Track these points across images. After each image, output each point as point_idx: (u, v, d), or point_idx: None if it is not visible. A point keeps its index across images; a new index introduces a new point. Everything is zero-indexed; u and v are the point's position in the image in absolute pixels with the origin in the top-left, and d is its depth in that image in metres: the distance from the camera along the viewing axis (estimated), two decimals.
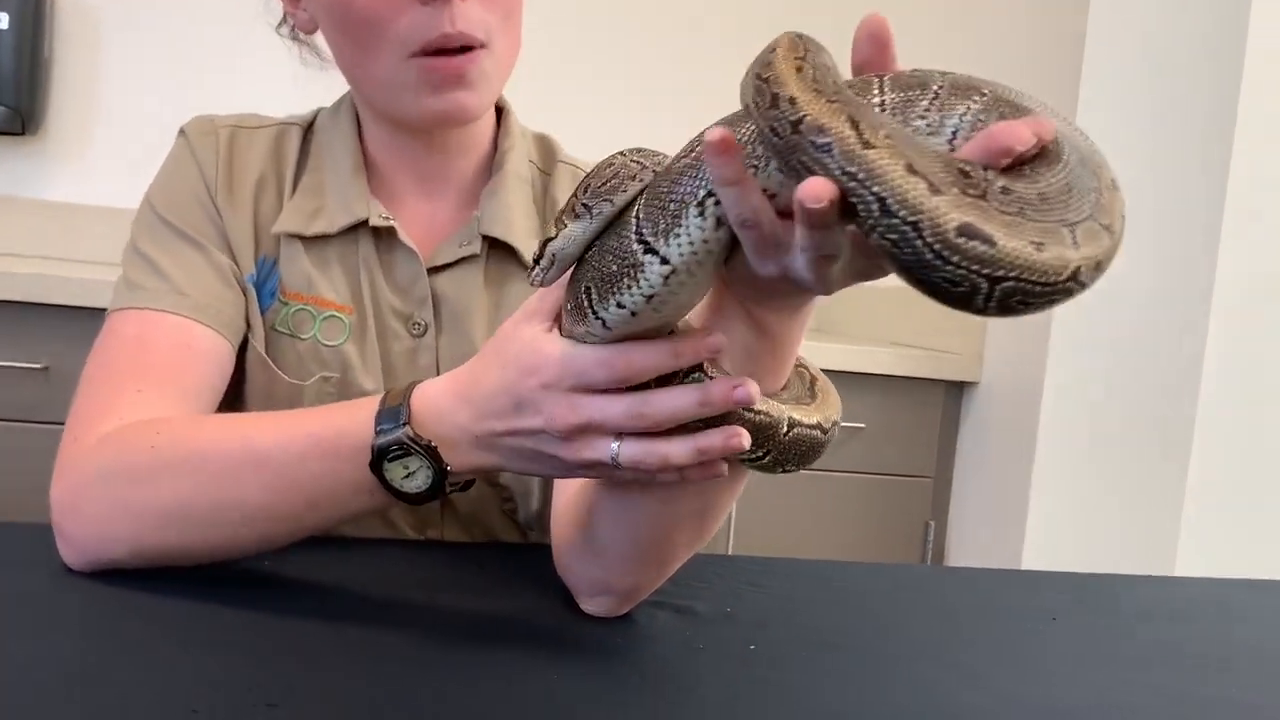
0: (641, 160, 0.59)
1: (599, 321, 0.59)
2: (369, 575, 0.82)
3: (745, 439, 0.61)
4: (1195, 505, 2.03)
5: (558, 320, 0.65)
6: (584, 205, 0.59)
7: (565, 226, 0.60)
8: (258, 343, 0.92)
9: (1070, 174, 0.49)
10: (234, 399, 0.92)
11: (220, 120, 0.96)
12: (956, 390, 2.39)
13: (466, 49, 0.86)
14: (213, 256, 0.91)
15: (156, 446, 0.74)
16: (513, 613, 0.78)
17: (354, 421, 0.70)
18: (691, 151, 0.54)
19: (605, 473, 0.65)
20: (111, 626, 0.68)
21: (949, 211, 0.44)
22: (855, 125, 0.46)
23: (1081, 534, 2.14)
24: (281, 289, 0.93)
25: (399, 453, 0.68)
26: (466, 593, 0.81)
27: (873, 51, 0.52)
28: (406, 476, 0.69)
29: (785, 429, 0.62)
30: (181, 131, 0.96)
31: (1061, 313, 2.13)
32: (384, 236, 0.94)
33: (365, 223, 0.94)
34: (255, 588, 0.76)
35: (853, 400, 2.30)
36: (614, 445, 0.62)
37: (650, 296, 0.55)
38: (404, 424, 0.68)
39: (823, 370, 0.71)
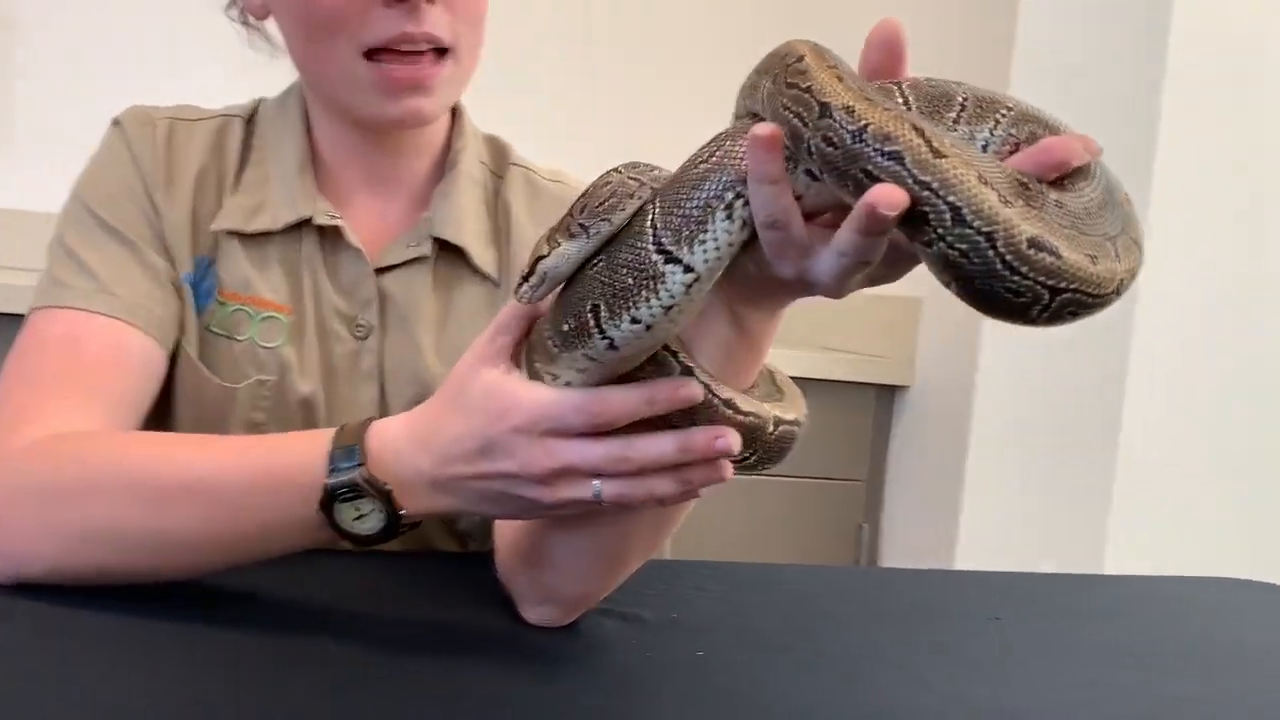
0: (638, 177, 0.58)
1: (605, 341, 0.57)
2: (304, 587, 0.79)
3: (729, 470, 0.61)
4: (1122, 504, 2.07)
5: (515, 359, 0.64)
6: (580, 225, 0.58)
7: (559, 245, 0.58)
8: (190, 346, 0.88)
9: (1102, 189, 0.51)
10: (162, 402, 0.89)
11: (158, 112, 0.93)
12: (888, 394, 2.41)
13: (439, 51, 0.85)
14: (145, 256, 0.87)
15: (89, 464, 0.71)
16: (455, 622, 0.76)
17: (304, 456, 0.68)
18: (711, 156, 0.54)
19: (585, 509, 0.64)
20: (28, 643, 0.65)
21: (1020, 223, 0.46)
22: (921, 134, 0.47)
23: (1013, 534, 2.17)
24: (219, 288, 0.89)
25: (351, 494, 0.66)
26: (404, 603, 0.79)
27: (884, 58, 0.52)
28: (358, 518, 0.67)
29: (772, 428, 0.62)
30: (116, 122, 0.92)
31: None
32: (329, 236, 0.91)
33: (310, 221, 0.91)
34: (183, 602, 0.72)
35: None
36: (596, 484, 0.61)
37: (669, 307, 0.55)
38: (360, 464, 0.66)
39: None
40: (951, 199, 0.46)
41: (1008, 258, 0.46)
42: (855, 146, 0.47)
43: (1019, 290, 0.46)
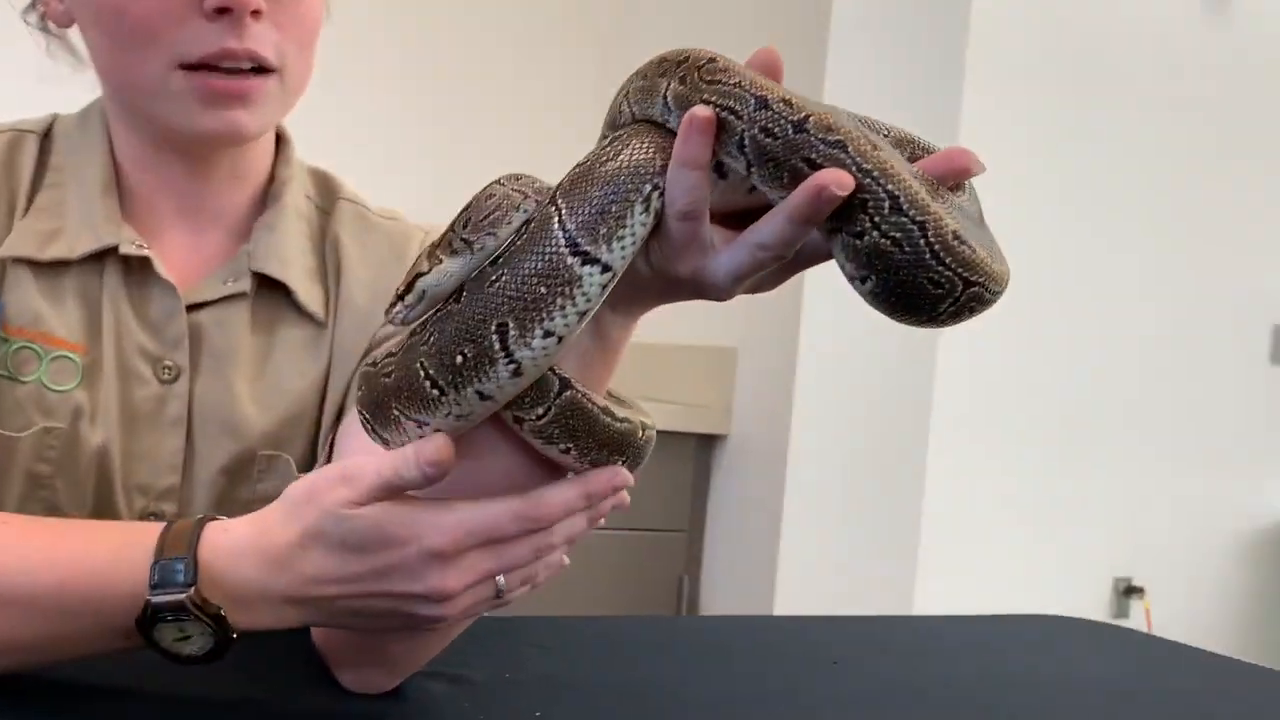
0: (523, 189, 0.56)
1: (510, 368, 0.53)
2: (99, 660, 0.70)
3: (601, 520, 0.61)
4: (928, 547, 2.13)
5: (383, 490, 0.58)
6: (464, 240, 0.54)
7: (440, 261, 0.55)
8: None
9: (974, 200, 0.55)
10: None
11: None
12: (708, 443, 2.41)
13: (259, 71, 0.78)
14: None
15: None
16: (262, 695, 0.68)
17: (122, 563, 0.60)
18: (618, 155, 0.53)
19: (477, 611, 0.61)
20: None
21: (946, 217, 0.48)
22: (858, 128, 0.50)
23: (829, 580, 2.20)
24: (3, 323, 0.79)
25: (176, 618, 0.59)
26: (205, 674, 0.71)
27: (766, 75, 0.54)
28: (181, 639, 0.60)
29: (641, 433, 0.60)
30: None
31: (804, 364, 2.20)
32: (136, 268, 0.82)
33: (114, 250, 0.82)
34: None
35: None
36: (501, 579, 0.58)
37: (584, 313, 0.53)
38: (188, 585, 0.58)
39: None
40: (890, 188, 0.48)
41: (936, 248, 0.48)
42: (798, 137, 0.49)
43: (940, 281, 0.48)
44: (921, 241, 0.48)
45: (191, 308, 0.83)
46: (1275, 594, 2.59)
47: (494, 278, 0.53)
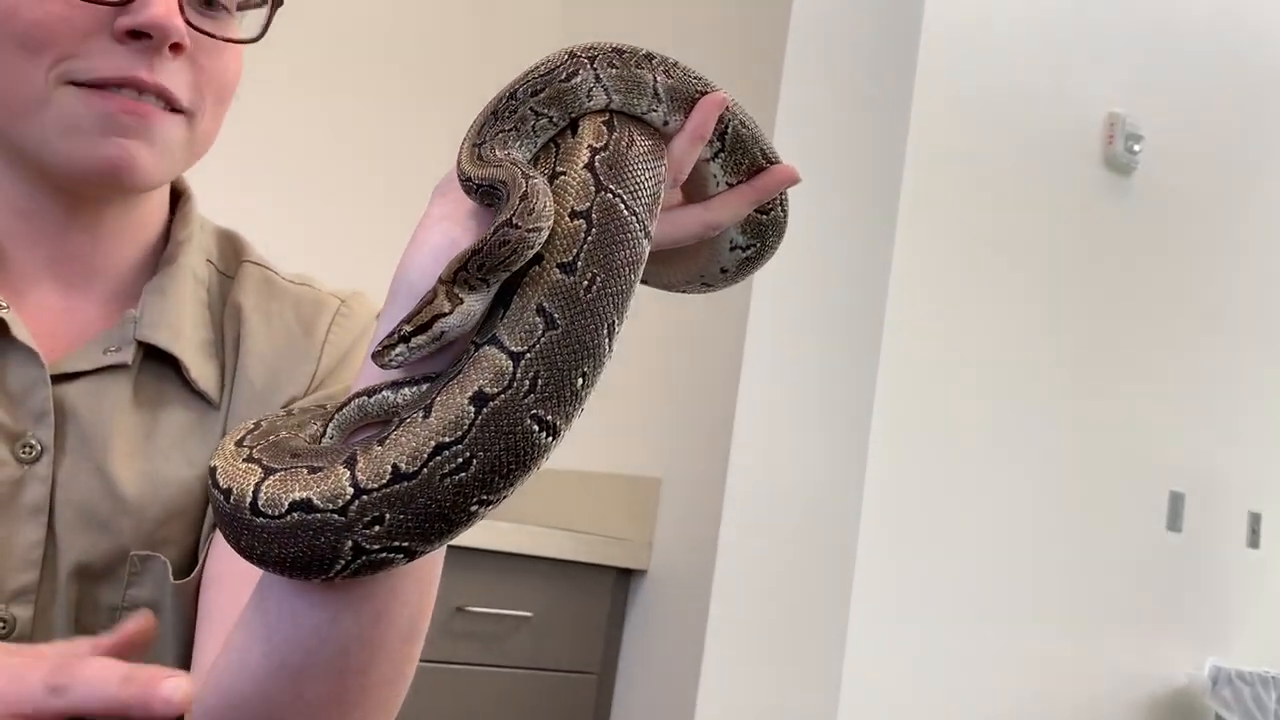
0: (537, 227, 0.53)
1: (611, 359, 0.55)
2: None
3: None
4: (850, 693, 2.03)
5: None
6: (481, 279, 0.53)
7: (462, 301, 0.52)
8: None
9: None
10: None
11: None
12: (624, 579, 2.30)
13: (169, 110, 0.70)
14: None
15: None
16: None
17: None
18: (632, 140, 0.58)
19: None
20: None
21: None
22: None
23: None
24: None
25: None
26: None
27: None
28: None
29: None
30: None
31: (731, 497, 2.12)
32: None
33: None
34: None
35: (520, 587, 2.15)
36: None
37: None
38: None
39: (490, 551, 0.64)
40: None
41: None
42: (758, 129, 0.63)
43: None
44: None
45: (62, 378, 0.71)
46: None
47: (585, 284, 0.53)
